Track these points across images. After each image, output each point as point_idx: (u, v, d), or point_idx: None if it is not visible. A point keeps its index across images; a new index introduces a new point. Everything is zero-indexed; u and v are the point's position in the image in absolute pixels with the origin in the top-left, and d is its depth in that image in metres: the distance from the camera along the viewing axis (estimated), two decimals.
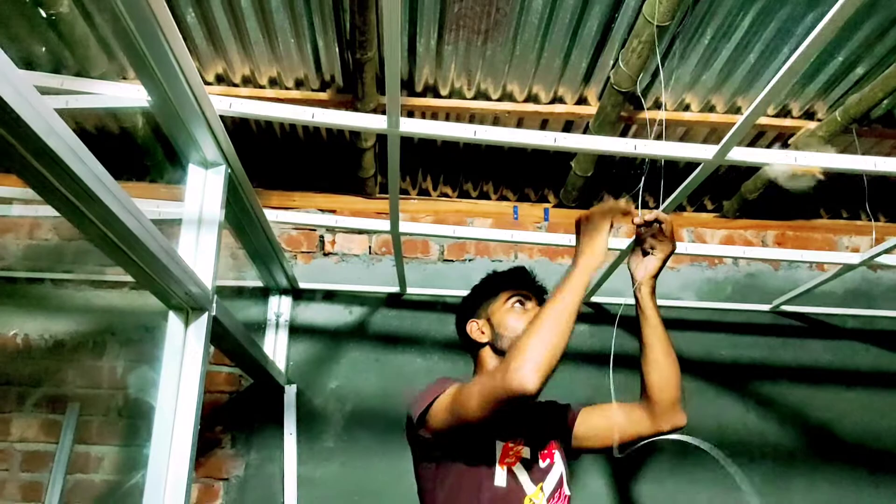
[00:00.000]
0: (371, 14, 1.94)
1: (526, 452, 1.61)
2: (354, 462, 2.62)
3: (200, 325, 1.58)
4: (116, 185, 1.09)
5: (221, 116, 1.55)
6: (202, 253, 1.63)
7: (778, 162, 1.56)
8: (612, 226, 1.46)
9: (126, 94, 1.50)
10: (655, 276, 1.57)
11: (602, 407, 1.76)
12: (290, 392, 2.64)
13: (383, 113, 1.49)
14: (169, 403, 1.52)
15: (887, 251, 2.06)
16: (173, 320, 1.58)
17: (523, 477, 1.57)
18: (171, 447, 1.47)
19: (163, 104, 1.41)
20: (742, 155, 1.53)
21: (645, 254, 1.58)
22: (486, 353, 1.70)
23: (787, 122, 2.49)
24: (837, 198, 3.04)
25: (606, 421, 1.71)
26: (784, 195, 2.89)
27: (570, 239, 2.29)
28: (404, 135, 1.53)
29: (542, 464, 1.63)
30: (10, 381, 2.66)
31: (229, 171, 1.70)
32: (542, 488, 1.59)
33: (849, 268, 2.20)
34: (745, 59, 2.23)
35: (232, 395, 2.66)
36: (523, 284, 1.78)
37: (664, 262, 1.56)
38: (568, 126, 2.58)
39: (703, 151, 1.53)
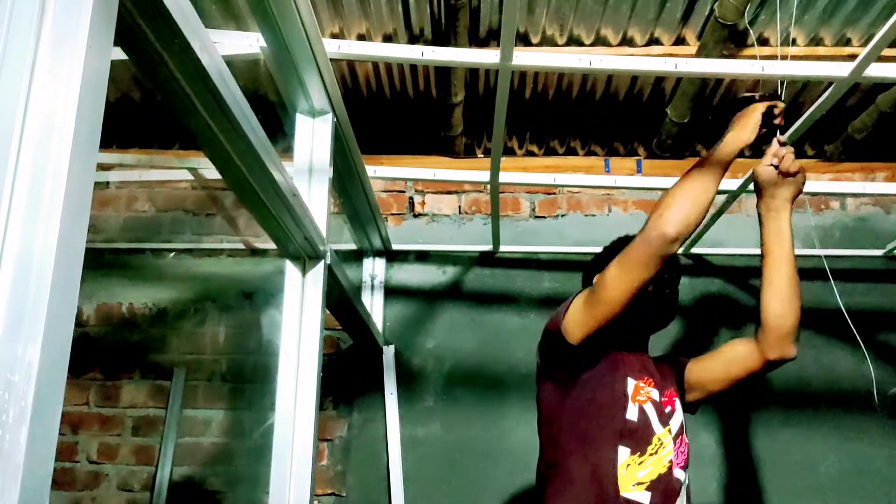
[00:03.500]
0: None
1: (655, 395, 1.59)
2: (455, 422, 2.60)
3: (317, 273, 1.58)
4: (260, 127, 1.10)
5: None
6: (314, 202, 1.62)
7: None
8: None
9: (241, 43, 1.49)
10: (793, 200, 1.52)
11: (711, 352, 1.75)
12: (389, 353, 2.64)
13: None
14: (292, 352, 1.52)
15: None
16: (291, 270, 1.58)
17: (653, 416, 1.56)
18: (297, 390, 1.48)
19: (277, 49, 1.40)
20: (880, 71, 1.43)
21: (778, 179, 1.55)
22: None
23: None
24: None
25: (714, 361, 1.70)
26: (893, 134, 2.74)
27: (673, 182, 2.20)
28: (516, 68, 1.48)
29: (667, 409, 1.60)
30: (119, 348, 2.74)
31: (335, 119, 1.68)
32: (669, 430, 1.56)
33: None
34: None
35: (332, 358, 2.68)
36: None
37: (801, 186, 1.52)
38: None
39: (837, 69, 1.44)
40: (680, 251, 2.68)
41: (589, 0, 2.21)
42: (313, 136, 1.65)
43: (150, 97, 2.70)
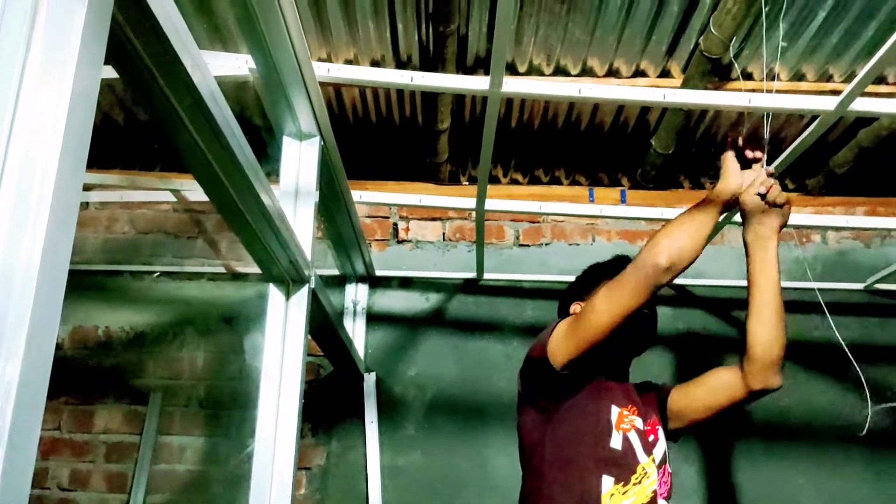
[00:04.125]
0: None
1: (639, 423, 1.58)
2: (436, 450, 2.57)
3: (302, 297, 1.56)
4: (249, 148, 1.08)
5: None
6: (300, 226, 1.61)
7: None
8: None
9: (229, 64, 1.49)
10: (779, 230, 1.53)
11: (694, 380, 1.73)
12: (370, 380, 2.61)
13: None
14: (274, 378, 1.49)
15: None
16: (274, 294, 1.56)
17: (637, 445, 1.54)
18: (279, 416, 1.45)
19: (266, 70, 1.40)
20: (866, 105, 1.45)
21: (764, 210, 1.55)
22: None
23: (882, 88, 2.39)
24: None
25: (698, 390, 1.68)
26: (872, 170, 2.77)
27: (660, 212, 2.22)
28: (506, 95, 1.48)
29: (650, 438, 1.59)
30: (94, 372, 2.68)
31: (322, 143, 1.67)
32: (653, 459, 1.55)
33: None
34: (841, 22, 2.13)
35: (311, 384, 2.64)
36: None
37: (787, 217, 1.53)
38: None
39: (823, 103, 1.45)
40: None
41: (576, 31, 2.23)
42: (300, 159, 1.64)
43: (132, 118, 2.68)
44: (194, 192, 2.47)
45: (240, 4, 1.22)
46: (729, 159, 1.52)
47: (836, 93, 1.43)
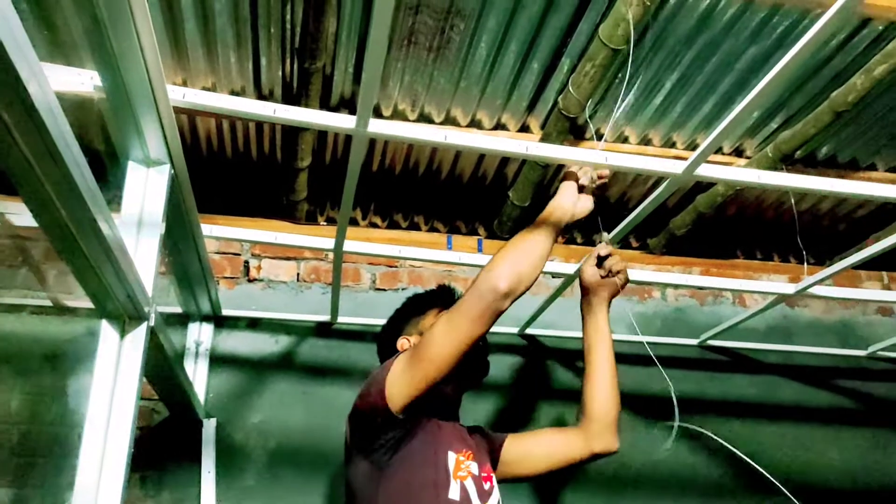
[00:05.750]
0: (326, 20, 1.87)
1: (474, 469, 1.54)
2: (278, 502, 2.43)
3: (138, 336, 1.43)
4: (89, 171, 0.98)
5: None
6: (141, 258, 1.48)
7: (742, 179, 1.58)
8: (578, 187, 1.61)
9: (73, 79, 1.36)
10: (611, 299, 1.69)
11: (532, 432, 1.77)
12: (210, 426, 2.44)
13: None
14: (100, 425, 1.34)
15: (820, 282, 2.12)
16: (107, 331, 1.41)
17: (473, 494, 1.49)
18: (103, 467, 1.30)
19: (114, 90, 1.29)
20: (710, 171, 1.54)
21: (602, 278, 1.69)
22: None
23: (719, 157, 2.58)
24: (753, 239, 3.17)
25: (536, 444, 1.71)
26: (707, 233, 2.98)
27: None
28: (372, 136, 1.45)
29: (486, 485, 1.56)
30: None
31: (172, 171, 1.56)
32: None
33: (783, 297, 2.26)
34: (685, 93, 2.29)
35: (143, 431, 2.43)
36: (450, 303, 1.78)
37: (623, 286, 1.61)
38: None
39: (672, 166, 1.53)
40: (514, 331, 2.73)
41: (441, 80, 2.26)
42: (146, 186, 1.52)
43: None
44: (19, 217, 2.24)
45: (88, 15, 1.12)
46: (570, 178, 1.59)
47: (678, 158, 1.52)
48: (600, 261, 1.70)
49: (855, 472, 2.83)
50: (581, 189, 1.62)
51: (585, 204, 1.61)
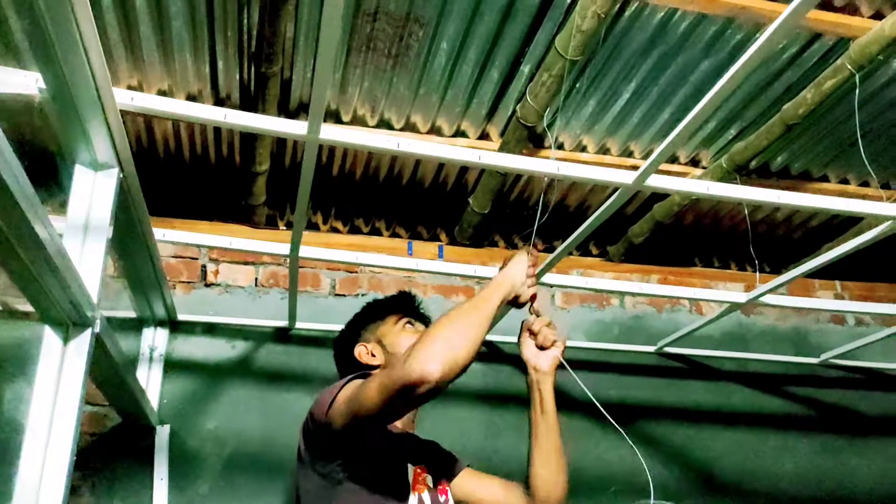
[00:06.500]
0: (282, 24, 1.86)
1: (430, 481, 1.54)
2: None
3: (82, 342, 1.40)
4: (23, 173, 0.96)
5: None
6: (87, 264, 1.46)
7: (692, 190, 1.60)
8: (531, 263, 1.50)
9: (15, 80, 1.33)
10: (553, 370, 1.57)
11: (484, 477, 1.68)
12: (163, 433, 2.41)
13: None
14: (41, 433, 1.32)
15: (772, 290, 2.16)
16: (50, 337, 1.38)
17: None
18: (43, 476, 1.28)
19: (59, 93, 1.27)
20: (659, 182, 1.56)
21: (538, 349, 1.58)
22: None
23: (675, 167, 2.61)
24: (710, 248, 3.21)
25: (483, 491, 1.64)
26: (665, 241, 3.02)
27: (473, 270, 2.26)
28: (324, 142, 1.45)
29: (441, 498, 1.55)
30: None
31: (122, 175, 1.54)
32: None
33: (736, 306, 2.30)
34: (641, 104, 2.32)
35: (95, 437, 2.39)
36: (409, 310, 1.77)
37: (559, 358, 1.56)
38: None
39: (623, 176, 1.55)
40: None
41: (401, 86, 2.26)
42: (94, 190, 1.49)
43: None
44: None
45: (29, 17, 1.10)
46: (524, 251, 1.51)
47: (635, 168, 1.53)
48: (535, 334, 1.60)
49: (807, 479, 2.88)
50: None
51: (531, 290, 1.52)
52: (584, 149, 2.55)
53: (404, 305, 1.79)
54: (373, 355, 1.68)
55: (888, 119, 2.40)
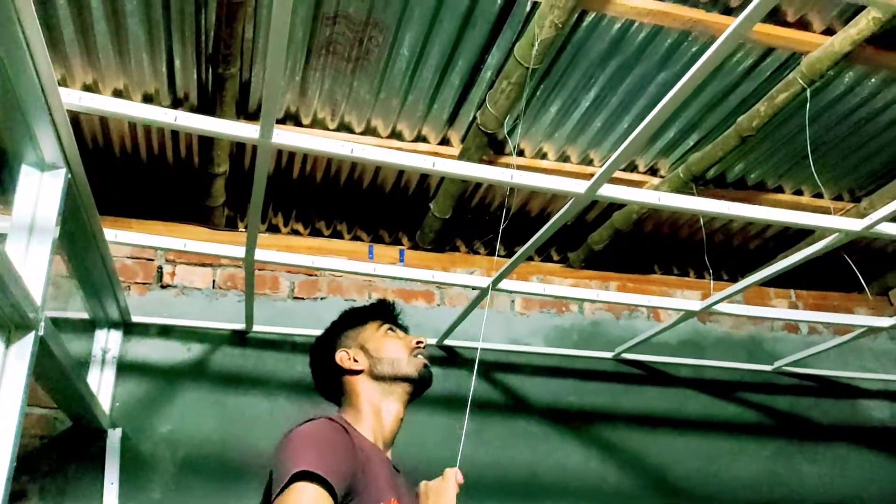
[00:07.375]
0: (239, 26, 1.85)
1: None
2: None
3: (25, 345, 1.37)
4: None
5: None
6: (32, 265, 1.43)
7: (643, 200, 1.62)
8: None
9: None
10: None
11: None
12: (114, 436, 2.37)
13: None
14: None
15: (725, 299, 2.20)
16: None
17: None
18: None
19: (2, 91, 1.24)
20: (612, 192, 1.58)
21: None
22: (361, 381, 1.59)
23: (634, 176, 2.64)
24: (669, 256, 3.25)
25: None
26: (625, 249, 3.05)
27: (431, 275, 2.26)
28: (276, 147, 1.44)
29: None
30: None
31: (69, 176, 1.52)
32: None
33: (690, 314, 2.33)
34: (601, 112, 2.35)
35: (44, 440, 2.35)
36: (389, 317, 1.76)
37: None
38: None
39: (575, 185, 1.56)
40: (433, 342, 2.73)
41: (361, 90, 2.26)
42: (40, 191, 1.47)
43: None
44: None
45: None
46: (451, 476, 1.44)
47: (593, 176, 1.54)
48: None
49: (760, 484, 2.93)
50: None
51: None
52: (544, 156, 2.57)
53: (383, 313, 1.77)
54: (355, 360, 1.64)
55: (838, 133, 2.45)
